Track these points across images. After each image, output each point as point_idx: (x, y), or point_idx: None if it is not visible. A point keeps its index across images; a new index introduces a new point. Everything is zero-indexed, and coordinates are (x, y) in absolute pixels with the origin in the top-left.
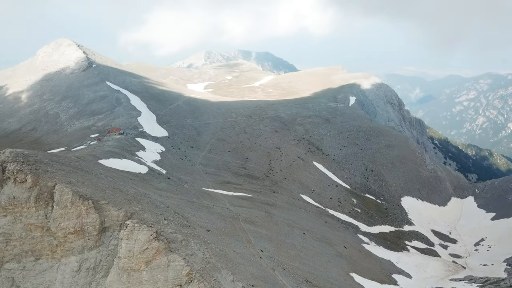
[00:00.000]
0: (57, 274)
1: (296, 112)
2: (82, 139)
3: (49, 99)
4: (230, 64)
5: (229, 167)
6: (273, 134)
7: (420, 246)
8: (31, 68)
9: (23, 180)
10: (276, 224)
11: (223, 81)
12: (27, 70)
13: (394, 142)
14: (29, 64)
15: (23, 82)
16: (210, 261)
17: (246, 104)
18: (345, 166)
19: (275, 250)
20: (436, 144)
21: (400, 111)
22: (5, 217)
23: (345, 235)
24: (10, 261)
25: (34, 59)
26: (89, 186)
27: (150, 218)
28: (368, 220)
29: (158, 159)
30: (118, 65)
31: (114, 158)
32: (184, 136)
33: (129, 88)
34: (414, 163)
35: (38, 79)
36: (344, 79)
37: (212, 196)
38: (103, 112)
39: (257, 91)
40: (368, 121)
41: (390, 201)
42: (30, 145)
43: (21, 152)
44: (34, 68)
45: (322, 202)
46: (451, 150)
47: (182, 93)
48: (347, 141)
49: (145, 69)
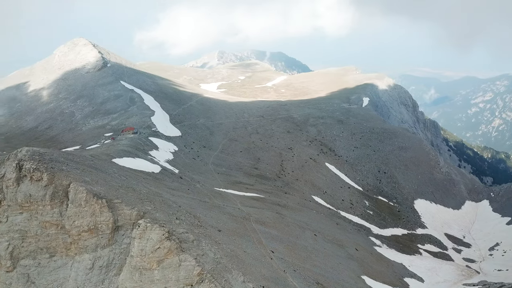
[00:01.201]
0: (71, 271)
1: (309, 113)
2: (97, 137)
3: (65, 98)
4: (243, 64)
5: (241, 167)
6: (285, 134)
7: (433, 249)
8: (47, 67)
9: (39, 178)
10: (287, 225)
11: (236, 81)
12: (44, 69)
13: (407, 144)
14: (46, 63)
15: (40, 81)
16: (221, 261)
17: (258, 104)
18: (357, 167)
19: (286, 251)
20: (451, 146)
21: (414, 113)
22: (22, 214)
23: (356, 237)
24: (25, 257)
25: (51, 59)
26: (103, 185)
27: (162, 217)
28: (380, 222)
29: (171, 158)
30: (132, 64)
31: (127, 157)
32: (196, 135)
33: (143, 88)
34: (428, 165)
35: (54, 78)
36: (357, 80)
37: (224, 196)
38: (117, 111)
39: (269, 91)
40: (381, 122)
41: (403, 203)
42: (46, 143)
43: (37, 151)
44: (50, 67)
45: (334, 203)
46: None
47: (195, 93)
48: (360, 143)
49: (158, 69)
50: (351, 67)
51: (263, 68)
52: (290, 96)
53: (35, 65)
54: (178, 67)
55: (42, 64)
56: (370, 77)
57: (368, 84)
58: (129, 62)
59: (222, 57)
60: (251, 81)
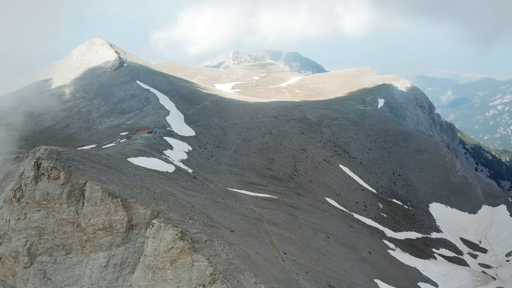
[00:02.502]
0: (86, 268)
1: (323, 114)
2: (112, 136)
3: (82, 97)
4: (258, 65)
5: (254, 167)
6: (299, 135)
7: (448, 254)
8: (66, 66)
9: (56, 176)
10: (300, 227)
11: (251, 81)
12: (62, 68)
13: (423, 147)
14: (64, 63)
15: (58, 80)
16: (233, 262)
17: (272, 105)
18: (372, 170)
19: (299, 253)
20: (468, 149)
21: (430, 115)
22: (39, 211)
23: (370, 240)
24: (42, 254)
25: (69, 58)
26: (118, 184)
27: (176, 217)
28: (394, 225)
29: (185, 158)
30: (148, 64)
31: (142, 157)
32: (210, 136)
33: (158, 88)
34: (443, 168)
35: (72, 77)
36: (373, 81)
37: (237, 197)
38: (133, 110)
39: (283, 92)
40: (396, 124)
41: (418, 207)
42: (63, 142)
43: (55, 149)
44: (69, 66)
45: (347, 206)
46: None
47: (210, 93)
48: (374, 145)
49: (174, 68)
50: (366, 68)
51: (277, 69)
52: (304, 97)
53: (54, 64)
54: (193, 67)
55: (60, 63)
56: (385, 78)
57: (383, 85)
58: (145, 62)
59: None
60: (265, 81)
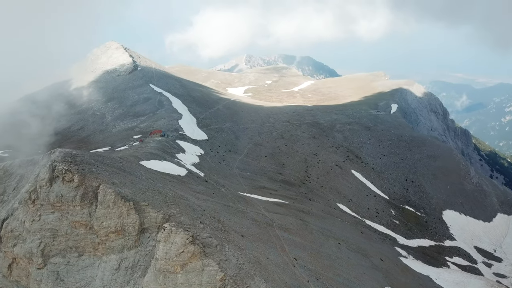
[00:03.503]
0: (98, 270)
1: (335, 119)
2: (126, 139)
3: (96, 100)
4: (270, 69)
5: (265, 172)
6: (311, 140)
7: (462, 263)
8: (81, 69)
9: (70, 179)
10: (311, 232)
11: (263, 85)
12: (78, 71)
13: (437, 153)
14: (80, 66)
15: (73, 83)
16: (243, 267)
17: (284, 109)
18: (384, 175)
19: (309, 259)
20: (483, 156)
21: (444, 120)
22: (53, 213)
23: (382, 247)
24: (56, 255)
25: (85, 61)
26: (131, 188)
27: (187, 221)
28: (407, 232)
29: (197, 161)
30: (161, 67)
31: (155, 160)
32: (222, 139)
33: (171, 91)
34: (457, 175)
35: (87, 80)
36: (386, 86)
37: (248, 201)
38: (146, 114)
39: (296, 96)
40: (410, 130)
41: (431, 214)
42: (78, 144)
43: (69, 152)
44: (84, 69)
45: (359, 212)
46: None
47: (222, 97)
48: (387, 150)
49: (187, 72)
50: (379, 73)
51: (290, 73)
52: (316, 101)
53: (70, 67)
54: (206, 70)
55: (76, 66)
56: (399, 83)
57: (397, 90)
58: (159, 65)
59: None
60: (277, 85)
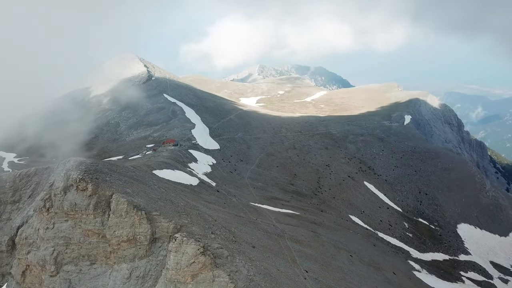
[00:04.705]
0: (109, 279)
1: (348, 130)
2: (139, 148)
3: (111, 109)
4: (283, 79)
5: (277, 182)
6: (323, 151)
7: (477, 278)
8: (97, 78)
9: (84, 188)
10: (323, 244)
11: (275, 95)
12: (94, 80)
13: (451, 165)
14: (96, 76)
15: (89, 92)
16: (254, 279)
17: (296, 119)
18: (397, 187)
19: (320, 272)
20: (499, 169)
21: (459, 132)
22: (67, 222)
23: (394, 260)
24: (68, 263)
25: (100, 71)
26: (143, 197)
27: (198, 231)
28: (420, 246)
29: (209, 171)
30: (175, 77)
31: (167, 169)
32: (234, 149)
33: (184, 101)
34: (472, 188)
35: (103, 90)
36: (399, 97)
37: (259, 212)
38: (159, 123)
39: (308, 107)
40: (423, 141)
41: (445, 227)
42: (92, 153)
43: (83, 161)
44: (99, 79)
45: (371, 224)
46: None
47: (235, 107)
48: (400, 162)
49: (200, 82)
50: (393, 84)
51: (303, 83)
52: (329, 112)
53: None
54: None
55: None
56: (413, 94)
57: (410, 101)
58: (173, 75)
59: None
60: (290, 95)
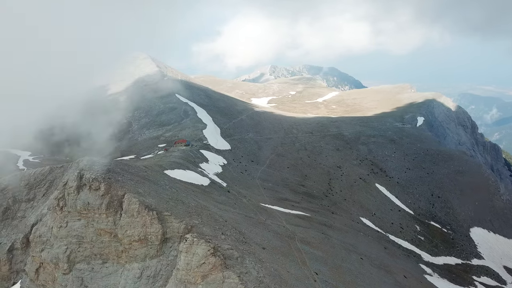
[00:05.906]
0: (120, 278)
1: (360, 131)
2: (151, 148)
3: (124, 109)
4: (295, 79)
5: (288, 183)
6: (334, 152)
7: (490, 283)
8: (110, 78)
9: (97, 187)
10: (333, 246)
11: (287, 96)
12: (107, 80)
13: (464, 168)
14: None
15: (102, 92)
16: (264, 280)
17: (308, 120)
18: (409, 190)
19: (330, 274)
20: None
21: (472, 134)
22: (80, 220)
23: (405, 264)
24: (81, 262)
25: (113, 71)
26: (155, 197)
27: (209, 232)
28: (432, 249)
29: (219, 171)
30: (187, 78)
31: (178, 169)
32: (245, 150)
33: (196, 101)
34: (486, 191)
35: (116, 90)
36: (412, 98)
37: (269, 213)
38: (171, 123)
39: (319, 107)
40: (436, 143)
41: (458, 231)
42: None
43: (97, 161)
44: (112, 79)
45: (382, 226)
46: None
47: (246, 107)
48: (412, 164)
49: (212, 82)
50: (406, 85)
51: (314, 84)
52: (341, 113)
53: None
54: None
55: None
56: (426, 96)
57: (423, 103)
58: (185, 76)
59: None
60: (301, 96)
